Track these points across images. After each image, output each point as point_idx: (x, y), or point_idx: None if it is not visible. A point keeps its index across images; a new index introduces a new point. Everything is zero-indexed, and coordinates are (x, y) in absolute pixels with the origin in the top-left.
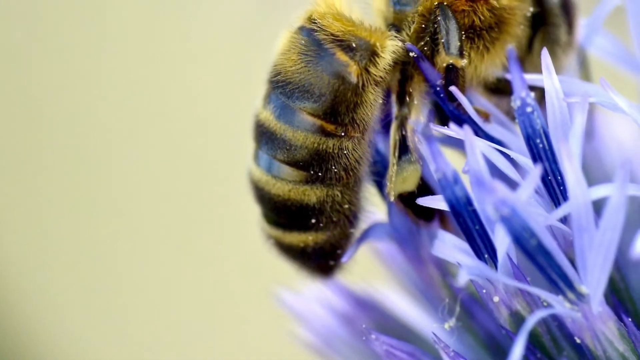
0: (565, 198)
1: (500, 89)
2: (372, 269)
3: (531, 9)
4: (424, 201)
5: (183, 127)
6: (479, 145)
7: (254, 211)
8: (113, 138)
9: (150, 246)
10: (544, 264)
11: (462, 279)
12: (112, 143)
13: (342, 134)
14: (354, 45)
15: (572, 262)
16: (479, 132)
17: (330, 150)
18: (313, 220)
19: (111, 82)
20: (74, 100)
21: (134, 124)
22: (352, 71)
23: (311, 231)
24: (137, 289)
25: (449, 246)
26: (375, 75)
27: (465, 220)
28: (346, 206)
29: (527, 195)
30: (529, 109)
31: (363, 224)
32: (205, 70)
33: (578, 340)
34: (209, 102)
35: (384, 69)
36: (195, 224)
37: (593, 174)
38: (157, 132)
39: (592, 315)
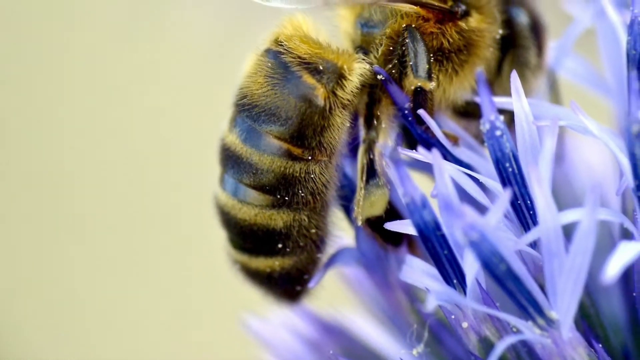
0: (534, 222)
1: (469, 112)
2: (339, 295)
3: (500, 31)
4: (392, 226)
5: (148, 150)
6: (448, 169)
7: (220, 236)
8: (76, 158)
9: (114, 270)
10: (513, 289)
11: (431, 304)
12: (75, 163)
13: (309, 157)
14: (321, 67)
15: (542, 288)
16: (447, 155)
17: (297, 174)
18: (280, 245)
19: (76, 103)
20: (35, 120)
21: (98, 145)
22: (319, 94)
23: (278, 256)
24: (100, 314)
25: (417, 271)
26: (342, 98)
27: (434, 245)
28: (313, 231)
29: (496, 220)
30: (498, 133)
31: (330, 249)
32: (170, 93)
33: None
34: (174, 125)
35: (352, 92)
36: (160, 249)
37: (563, 198)
38: (121, 154)
39: (562, 341)
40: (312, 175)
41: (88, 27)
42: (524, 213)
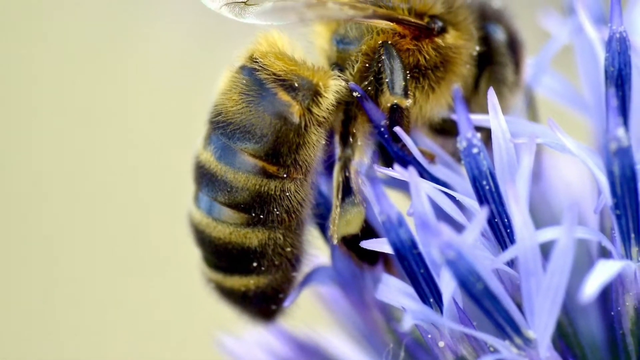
0: (512, 241)
1: (445, 129)
2: (314, 314)
3: (477, 48)
4: (368, 244)
5: (120, 167)
6: (424, 187)
7: (194, 254)
8: (46, 180)
9: (88, 288)
10: (490, 308)
11: (407, 323)
12: (44, 185)
13: (284, 175)
14: (296, 84)
15: (519, 307)
16: (424, 173)
17: (272, 192)
18: (254, 264)
19: (45, 123)
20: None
21: (70, 165)
22: (295, 111)
23: (252, 275)
24: (75, 331)
25: (394, 290)
26: (318, 115)
27: (410, 264)
28: (288, 249)
29: (473, 238)
30: (475, 150)
31: (306, 268)
32: (142, 110)
33: None
34: (147, 142)
35: (327, 109)
36: (133, 267)
37: (540, 216)
38: (91, 173)
39: None
40: (288, 193)
41: (59, 44)
42: (501, 231)
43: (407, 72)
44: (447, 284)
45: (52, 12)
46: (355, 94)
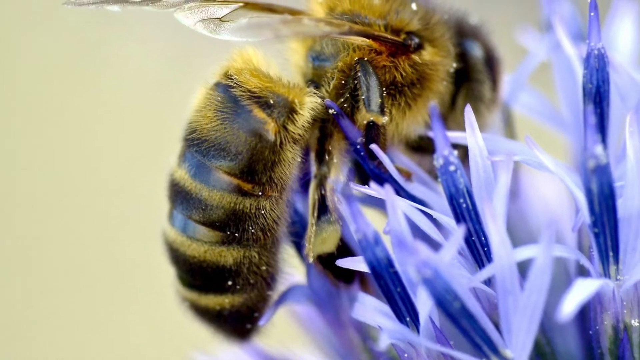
0: (489, 259)
1: (422, 146)
2: (290, 333)
3: (454, 65)
4: (344, 262)
5: (94, 185)
6: (401, 205)
7: (169, 273)
8: (17, 198)
9: (62, 307)
10: (467, 327)
11: (383, 342)
12: (13, 203)
13: (260, 193)
14: (271, 102)
15: (497, 326)
16: (400, 191)
17: (247, 210)
18: (229, 283)
19: (18, 138)
20: None
21: (44, 182)
22: (270, 129)
23: (227, 294)
24: (50, 352)
25: (370, 309)
26: (293, 132)
27: (387, 282)
28: (264, 268)
29: (450, 257)
30: (451, 168)
31: (281, 286)
32: (117, 127)
33: None
34: (121, 160)
35: (303, 126)
36: (107, 286)
37: (518, 235)
38: (65, 191)
39: None
40: (263, 212)
41: (30, 63)
42: (478, 250)
43: (384, 89)
44: (424, 303)
45: (28, 27)
46: (331, 111)
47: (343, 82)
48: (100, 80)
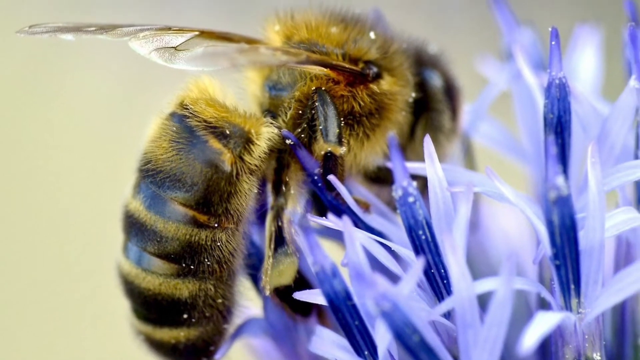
0: (449, 292)
1: (381, 177)
2: None
3: (413, 95)
4: (301, 295)
5: (46, 217)
6: (359, 237)
7: (123, 306)
8: None
9: (15, 341)
10: None
11: None
12: None
13: (216, 225)
14: (227, 132)
15: (456, 359)
16: (358, 223)
17: (203, 242)
18: (185, 316)
19: None
20: None
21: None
22: (226, 159)
23: (183, 327)
24: None
25: (327, 342)
26: (250, 163)
27: (344, 316)
28: (220, 301)
29: (409, 289)
30: (410, 199)
31: (237, 319)
32: (68, 158)
33: None
34: (73, 191)
35: (259, 157)
36: (60, 320)
37: (478, 267)
38: (16, 223)
39: None
40: (219, 243)
41: None
42: (437, 282)
43: (342, 119)
44: (383, 336)
45: None
46: (288, 141)
47: (300, 112)
48: (53, 109)
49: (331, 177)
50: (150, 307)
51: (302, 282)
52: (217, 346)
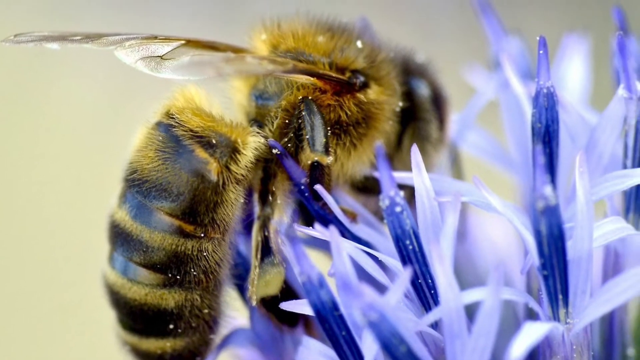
0: (436, 302)
1: (368, 187)
2: None
3: (400, 104)
4: (288, 306)
5: (31, 226)
6: (346, 247)
7: (109, 316)
8: None
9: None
10: None
11: None
12: None
13: (202, 234)
14: (214, 141)
15: None
16: (345, 233)
17: (189, 252)
18: (171, 326)
19: None
20: None
21: None
22: (212, 169)
23: (169, 337)
24: None
25: (314, 353)
26: (236, 173)
27: (331, 326)
28: (206, 311)
29: (396, 300)
30: (398, 209)
31: (224, 330)
32: (53, 167)
33: None
34: (58, 201)
35: (246, 166)
36: (46, 330)
37: (465, 277)
38: (1, 231)
39: None
40: (205, 253)
41: None
42: (425, 292)
43: (328, 128)
44: (369, 347)
45: None
46: (274, 151)
47: (287, 121)
48: (38, 118)
49: (318, 187)
50: (136, 318)
51: (288, 292)
52: (203, 356)
